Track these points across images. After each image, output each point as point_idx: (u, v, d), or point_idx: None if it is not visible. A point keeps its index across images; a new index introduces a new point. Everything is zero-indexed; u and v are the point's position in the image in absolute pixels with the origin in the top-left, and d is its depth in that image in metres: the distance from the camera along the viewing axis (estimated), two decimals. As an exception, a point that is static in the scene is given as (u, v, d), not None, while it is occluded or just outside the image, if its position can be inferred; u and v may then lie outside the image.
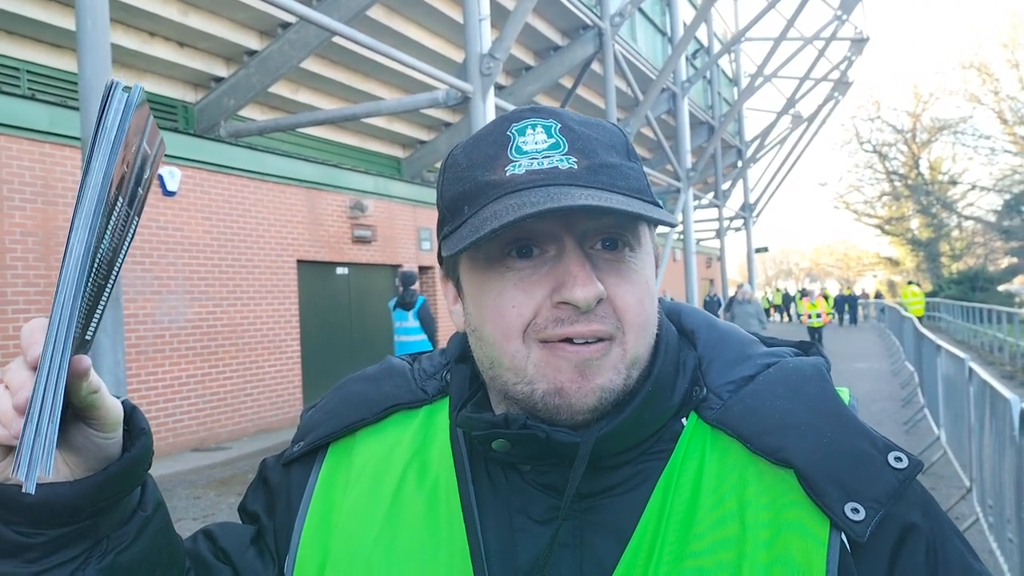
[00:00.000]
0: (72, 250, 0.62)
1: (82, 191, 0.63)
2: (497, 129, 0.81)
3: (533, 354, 0.78)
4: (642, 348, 0.80)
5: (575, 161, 0.77)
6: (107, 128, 0.63)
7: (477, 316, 0.82)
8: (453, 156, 0.84)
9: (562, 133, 0.79)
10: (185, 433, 9.69)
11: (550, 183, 0.75)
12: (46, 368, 0.62)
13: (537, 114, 0.81)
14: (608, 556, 0.78)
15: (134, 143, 0.68)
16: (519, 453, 0.80)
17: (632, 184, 0.79)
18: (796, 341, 0.93)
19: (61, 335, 0.62)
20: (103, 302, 0.72)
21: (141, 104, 0.67)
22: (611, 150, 0.80)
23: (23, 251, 7.96)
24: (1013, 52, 38.23)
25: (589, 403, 0.77)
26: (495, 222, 0.72)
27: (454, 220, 0.80)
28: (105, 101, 0.63)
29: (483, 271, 0.80)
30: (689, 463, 0.80)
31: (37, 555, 0.73)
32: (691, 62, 22.87)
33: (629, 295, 0.78)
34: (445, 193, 0.83)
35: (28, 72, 9.29)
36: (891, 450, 0.77)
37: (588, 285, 0.75)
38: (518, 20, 9.68)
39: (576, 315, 0.76)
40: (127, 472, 0.75)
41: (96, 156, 0.63)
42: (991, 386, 5.30)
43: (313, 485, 0.90)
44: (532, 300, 0.77)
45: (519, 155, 0.78)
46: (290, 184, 11.48)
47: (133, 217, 0.74)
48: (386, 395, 0.93)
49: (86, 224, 0.62)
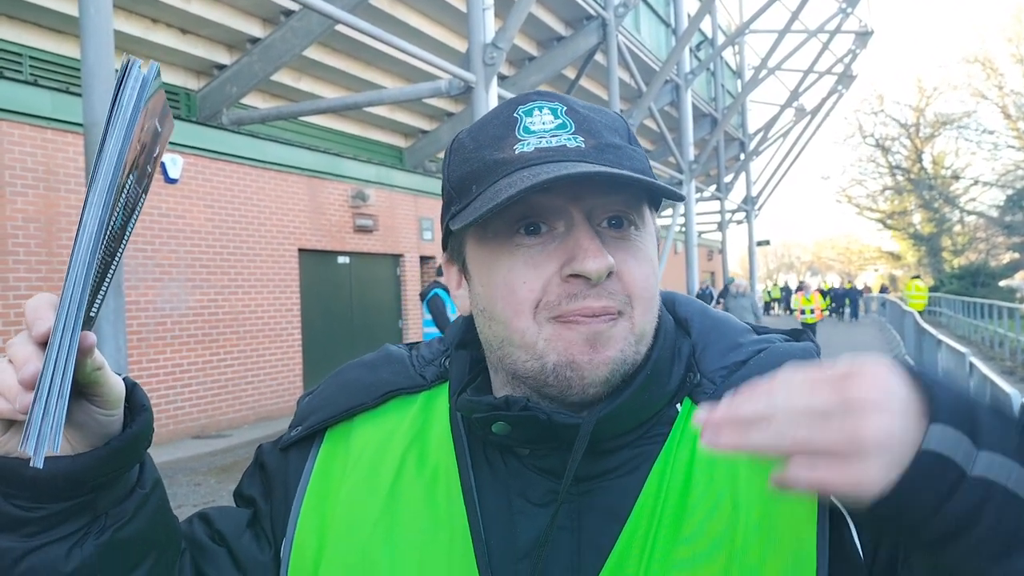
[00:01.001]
0: (85, 227, 0.62)
1: (96, 168, 0.62)
2: (504, 111, 0.82)
3: (544, 330, 0.78)
4: (648, 323, 0.81)
5: (582, 140, 0.78)
6: (123, 106, 0.63)
7: (486, 295, 0.82)
8: (459, 140, 0.85)
9: (568, 115, 0.80)
10: (186, 420, 9.71)
11: (560, 159, 0.76)
12: (56, 345, 0.62)
13: (543, 97, 0.82)
14: (605, 539, 0.78)
15: (148, 122, 0.68)
16: (519, 436, 0.81)
17: (636, 165, 0.80)
18: (788, 329, 0.95)
19: (72, 312, 0.62)
20: (108, 278, 0.72)
21: (157, 85, 0.67)
22: (615, 133, 0.82)
23: (25, 237, 7.96)
24: (1018, 47, 38.12)
25: (601, 375, 0.77)
26: (510, 190, 0.73)
27: (462, 200, 0.81)
28: (122, 79, 0.63)
29: (492, 249, 0.80)
30: (683, 447, 0.81)
31: (36, 529, 0.74)
32: (695, 54, 22.80)
33: (636, 270, 0.79)
34: (452, 174, 0.84)
35: (30, 57, 9.27)
36: None
37: (599, 257, 0.75)
38: (522, 10, 9.65)
39: (587, 289, 0.77)
40: (128, 447, 0.76)
41: (111, 133, 0.63)
42: (992, 381, 5.31)
43: (311, 470, 0.91)
44: (542, 276, 0.78)
45: (527, 134, 0.79)
46: (292, 172, 11.47)
47: (141, 194, 0.74)
48: (384, 381, 0.93)
49: (99, 201, 0.62)
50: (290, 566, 0.87)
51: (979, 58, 39.92)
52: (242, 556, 0.91)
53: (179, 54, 10.69)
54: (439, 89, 9.61)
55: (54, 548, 0.74)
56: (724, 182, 25.78)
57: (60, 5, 8.95)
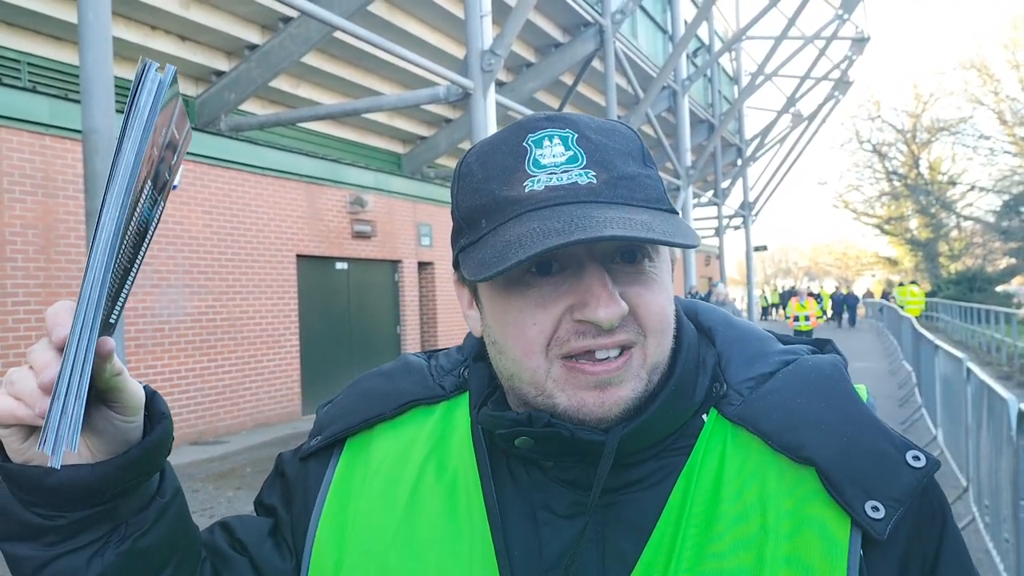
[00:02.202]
0: (103, 228, 0.62)
1: (114, 170, 0.63)
2: (512, 138, 0.79)
3: (554, 370, 0.78)
4: (662, 353, 0.80)
5: (594, 175, 0.76)
6: (140, 108, 0.63)
7: (498, 331, 0.81)
8: (467, 164, 0.83)
9: (579, 144, 0.77)
10: (184, 427, 9.69)
11: (571, 200, 0.74)
12: (75, 345, 0.62)
13: (553, 123, 0.79)
14: (630, 551, 0.78)
15: (164, 125, 0.68)
16: (543, 450, 0.81)
17: (651, 194, 0.79)
18: (812, 339, 0.94)
19: (91, 313, 0.62)
20: (128, 285, 0.72)
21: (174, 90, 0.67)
22: (628, 158, 0.79)
23: (23, 243, 7.96)
24: (1014, 53, 38.19)
25: (612, 415, 0.77)
26: (520, 252, 0.71)
27: (472, 233, 0.80)
28: (139, 81, 0.63)
29: (503, 287, 0.79)
30: (709, 459, 0.81)
31: (56, 538, 0.74)
32: (692, 60, 22.85)
33: (652, 303, 0.78)
34: (461, 204, 0.82)
35: (29, 64, 9.28)
36: (909, 449, 0.78)
37: (611, 305, 0.74)
38: (519, 17, 9.67)
39: (599, 331, 0.76)
40: (147, 456, 0.76)
41: (129, 135, 0.63)
42: (989, 386, 5.31)
43: (330, 480, 0.91)
44: (551, 316, 0.77)
45: (537, 169, 0.76)
46: (290, 179, 11.47)
47: (159, 201, 0.74)
48: (403, 391, 0.93)
49: (117, 203, 0.62)
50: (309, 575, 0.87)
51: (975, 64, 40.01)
52: (263, 565, 0.91)
53: (178, 61, 10.69)
54: (437, 95, 9.62)
55: (75, 557, 0.74)
56: (721, 188, 25.81)
57: (59, 12, 8.96)
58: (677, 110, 19.77)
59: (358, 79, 13.05)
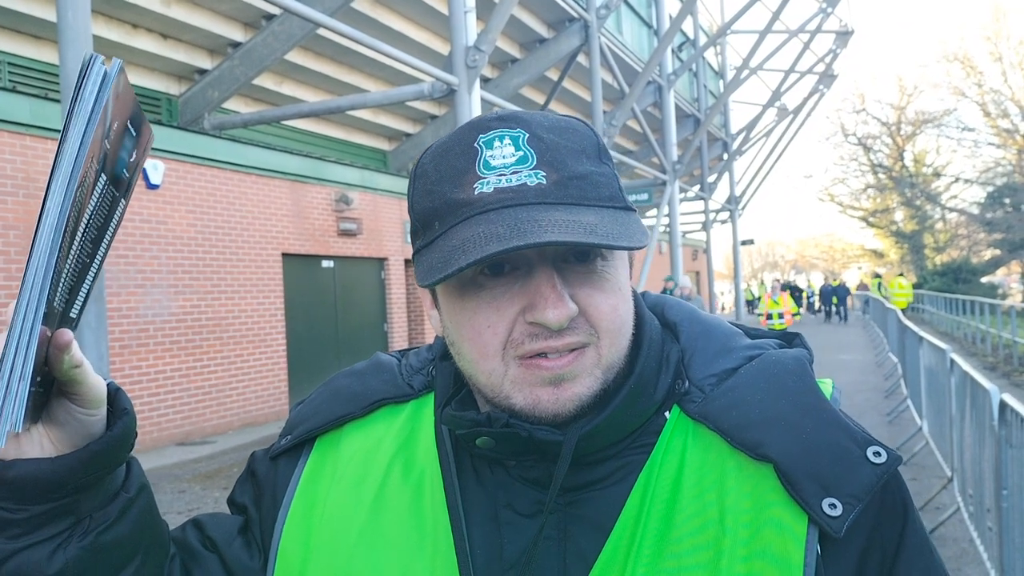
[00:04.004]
0: (47, 214, 0.63)
1: (58, 158, 0.63)
2: (465, 139, 0.79)
3: (510, 371, 0.78)
4: (616, 353, 0.80)
5: (544, 175, 0.76)
6: (84, 98, 0.64)
7: (455, 332, 0.82)
8: (422, 165, 0.83)
9: (530, 144, 0.77)
10: (169, 427, 9.65)
11: (518, 202, 0.74)
12: (19, 326, 0.63)
13: (504, 123, 0.78)
14: (590, 549, 0.79)
15: (116, 120, 0.68)
16: (503, 450, 0.81)
17: (603, 192, 0.78)
18: (780, 332, 0.94)
19: (35, 295, 0.63)
20: (88, 280, 0.73)
21: (121, 80, 0.67)
22: (581, 156, 0.79)
23: (5, 244, 7.90)
24: (996, 45, 38.45)
25: (567, 411, 0.78)
26: (461, 258, 0.71)
27: (426, 234, 0.80)
28: (84, 72, 0.64)
29: (457, 289, 0.79)
30: (670, 457, 0.81)
31: (19, 531, 0.74)
32: (677, 55, 22.88)
33: (603, 303, 0.78)
34: (416, 205, 0.82)
35: (9, 64, 9.20)
36: (870, 444, 0.77)
37: (559, 306, 0.74)
38: (504, 12, 9.66)
39: (550, 332, 0.76)
40: (108, 450, 0.76)
41: (73, 124, 0.63)
42: (972, 377, 5.35)
43: (298, 478, 0.91)
44: (505, 318, 0.77)
45: (487, 171, 0.76)
46: (275, 177, 11.42)
47: (119, 199, 0.75)
48: (373, 390, 0.94)
49: (62, 188, 0.63)
50: (275, 574, 0.88)
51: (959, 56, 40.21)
52: (232, 563, 0.92)
53: (160, 59, 10.63)
54: (422, 92, 9.60)
55: (37, 550, 0.75)
56: (708, 182, 25.87)
57: (39, 11, 8.88)
58: (663, 105, 19.79)
59: (342, 76, 13.01)
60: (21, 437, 0.73)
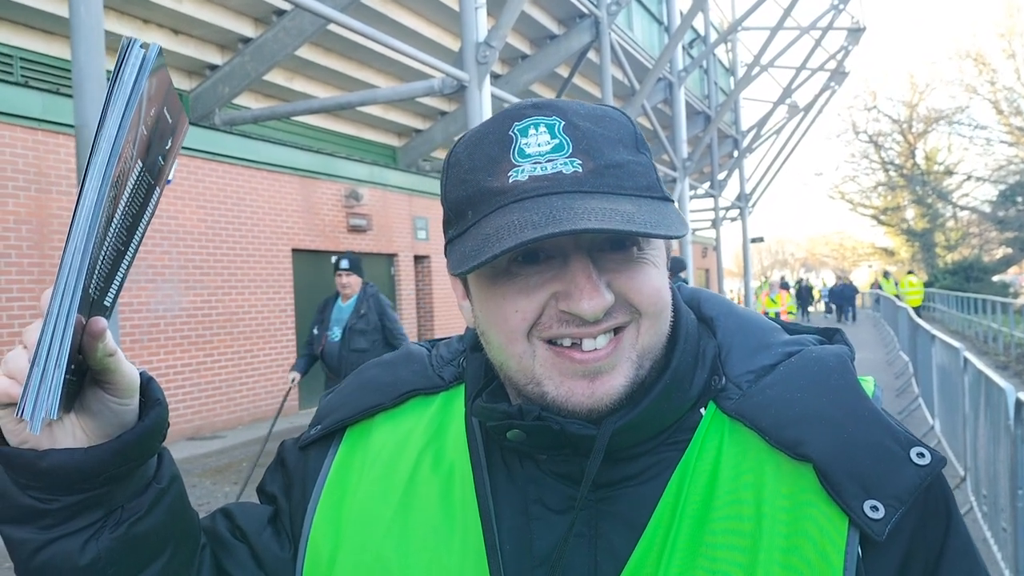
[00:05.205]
0: (85, 196, 0.62)
1: (96, 141, 0.62)
2: (499, 128, 0.77)
3: (539, 353, 0.77)
4: (655, 336, 0.78)
5: (580, 164, 0.74)
6: (123, 82, 0.63)
7: (485, 320, 0.81)
8: (456, 154, 0.81)
9: (565, 132, 0.75)
10: (180, 422, 9.68)
11: (553, 191, 0.72)
12: (55, 313, 0.62)
13: (539, 111, 0.77)
14: (622, 547, 0.77)
15: (153, 106, 0.68)
16: (534, 443, 0.79)
17: (640, 182, 0.76)
18: (820, 327, 0.91)
19: (71, 281, 0.62)
20: (123, 268, 0.73)
21: (159, 66, 0.66)
22: (618, 145, 0.77)
23: (17, 239, 7.92)
24: (1009, 42, 38.18)
25: (602, 405, 0.76)
26: (496, 245, 0.70)
27: (459, 223, 0.78)
28: (122, 57, 0.63)
29: (489, 277, 0.78)
30: (706, 454, 0.79)
31: (52, 522, 0.74)
32: (687, 51, 22.79)
33: (644, 285, 0.77)
34: (449, 194, 0.81)
35: (21, 59, 9.23)
36: (913, 445, 0.75)
37: (595, 297, 0.73)
38: (514, 8, 9.63)
39: (583, 321, 0.74)
40: (140, 441, 0.76)
41: (112, 108, 0.63)
42: (986, 375, 5.31)
43: (328, 468, 0.91)
44: (535, 302, 0.76)
45: (522, 159, 0.75)
46: (285, 173, 11.43)
47: (155, 187, 0.75)
48: (403, 380, 0.93)
49: (99, 173, 0.62)
50: (305, 564, 0.87)
51: (971, 54, 39.97)
52: (262, 552, 0.91)
53: (171, 54, 10.64)
54: (432, 88, 9.58)
55: (70, 540, 0.75)
56: (718, 179, 25.79)
57: (51, 6, 8.90)
58: (673, 101, 19.73)
59: (352, 72, 13.00)
60: (54, 426, 0.73)
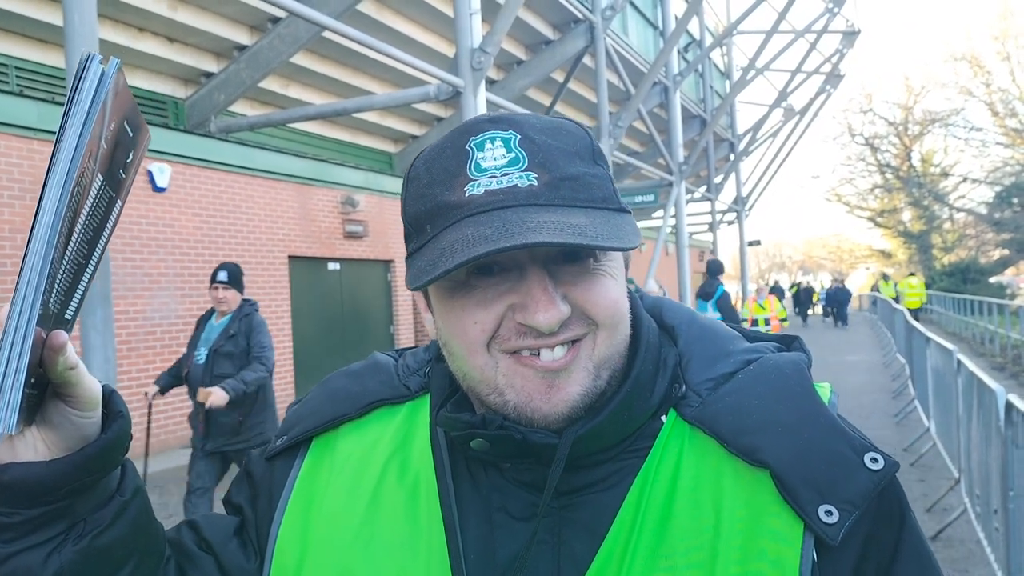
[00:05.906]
0: (43, 212, 0.63)
1: (54, 156, 0.63)
2: (456, 142, 0.79)
3: (501, 364, 0.78)
4: (612, 347, 0.79)
5: (535, 177, 0.75)
6: (81, 97, 0.64)
7: (445, 331, 0.82)
8: (415, 168, 0.83)
9: (521, 146, 0.77)
10: (177, 430, 9.67)
11: (508, 204, 0.74)
12: (13, 326, 0.62)
13: (496, 125, 0.78)
14: (584, 554, 0.78)
15: (114, 120, 0.68)
16: (497, 452, 0.80)
17: (595, 194, 0.78)
18: (779, 335, 0.93)
19: (30, 293, 0.63)
20: (84, 281, 0.73)
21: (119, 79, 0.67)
22: (574, 157, 0.78)
23: (12, 248, 7.92)
24: (1004, 44, 38.27)
25: (561, 412, 0.77)
26: (449, 260, 0.71)
27: (418, 238, 0.80)
28: (81, 72, 0.64)
29: (448, 290, 0.80)
30: (666, 462, 0.80)
31: (14, 535, 0.74)
32: (683, 55, 22.84)
33: (600, 297, 0.78)
34: (408, 209, 0.82)
35: (16, 68, 9.24)
36: (867, 451, 0.77)
37: (550, 309, 0.74)
38: (509, 14, 9.65)
39: (540, 333, 0.76)
40: (102, 454, 0.76)
41: (70, 123, 0.63)
42: (978, 377, 5.33)
43: (294, 479, 0.91)
44: (492, 314, 0.77)
45: (478, 173, 0.76)
46: (281, 180, 11.44)
47: (116, 200, 0.74)
48: (369, 391, 0.93)
49: (58, 187, 0.63)
50: (271, 574, 0.87)
51: (966, 56, 40.05)
52: (228, 563, 0.91)
53: (166, 62, 10.66)
54: (428, 94, 9.60)
55: (32, 554, 0.74)
56: (714, 183, 25.82)
57: (45, 15, 8.92)
58: (669, 106, 19.76)
59: (348, 79, 13.03)
60: (15, 440, 0.73)
